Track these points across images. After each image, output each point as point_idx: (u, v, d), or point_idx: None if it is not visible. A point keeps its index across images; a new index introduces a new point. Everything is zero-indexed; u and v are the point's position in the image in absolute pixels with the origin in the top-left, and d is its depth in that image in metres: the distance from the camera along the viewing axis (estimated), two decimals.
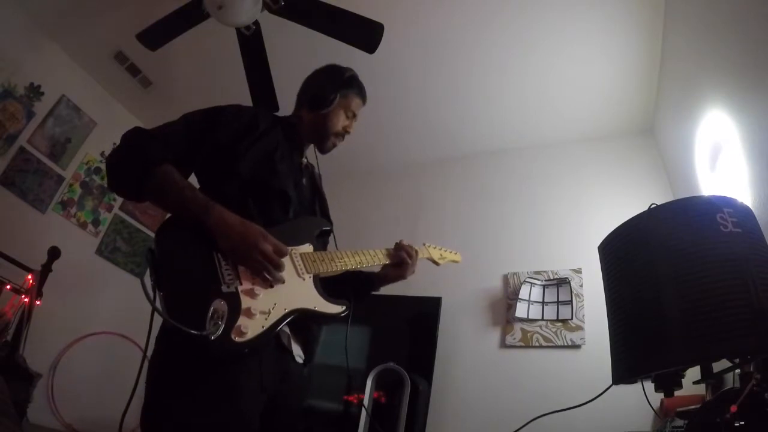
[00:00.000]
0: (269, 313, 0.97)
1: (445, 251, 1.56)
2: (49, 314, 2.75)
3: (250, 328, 0.92)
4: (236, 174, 1.13)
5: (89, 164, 3.44)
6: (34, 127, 3.10)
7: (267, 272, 1.00)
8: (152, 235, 3.87)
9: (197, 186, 1.12)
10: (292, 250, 1.11)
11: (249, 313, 0.94)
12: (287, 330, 1.10)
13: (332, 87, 1.34)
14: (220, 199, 1.03)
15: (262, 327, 0.95)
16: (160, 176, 1.03)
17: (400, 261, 1.34)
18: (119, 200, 3.63)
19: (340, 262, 1.21)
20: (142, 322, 0.92)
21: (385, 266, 1.36)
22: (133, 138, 1.08)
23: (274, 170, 1.18)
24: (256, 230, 1.01)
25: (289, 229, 1.15)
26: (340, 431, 2.61)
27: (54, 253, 2.61)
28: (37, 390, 2.43)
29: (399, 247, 1.36)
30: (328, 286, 1.15)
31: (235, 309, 0.92)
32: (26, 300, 2.45)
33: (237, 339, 0.89)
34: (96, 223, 3.45)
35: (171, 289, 0.90)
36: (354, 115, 1.39)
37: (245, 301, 0.95)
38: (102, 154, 3.52)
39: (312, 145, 1.41)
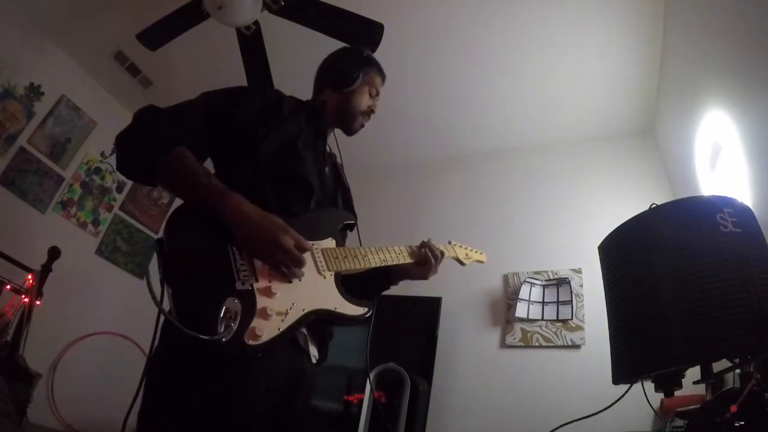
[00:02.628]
0: (286, 314, 0.90)
1: (471, 251, 1.51)
2: (49, 314, 2.75)
3: (265, 330, 0.85)
4: (255, 160, 1.05)
5: (89, 164, 3.44)
6: (34, 127, 3.09)
7: (286, 269, 0.93)
8: (152, 235, 3.88)
9: (212, 171, 1.04)
10: (313, 245, 1.03)
11: (264, 314, 0.87)
12: (304, 330, 1.04)
13: (355, 65, 1.30)
14: (237, 187, 0.95)
15: (278, 329, 0.88)
16: (174, 159, 0.95)
17: (424, 260, 1.28)
18: (119, 200, 3.63)
19: (363, 259, 1.13)
20: (142, 322, 0.91)
21: (407, 263, 1.28)
22: (147, 116, 1.01)
23: (298, 157, 1.11)
24: (277, 223, 0.93)
25: (311, 222, 1.07)
26: (340, 431, 2.61)
27: (54, 253, 2.60)
28: (37, 390, 2.42)
29: (424, 245, 1.30)
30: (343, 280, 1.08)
31: (249, 309, 0.86)
32: (26, 300, 2.45)
33: (251, 342, 0.83)
34: (96, 223, 3.45)
35: (180, 284, 0.84)
36: (377, 93, 1.35)
37: (261, 301, 0.88)
38: (102, 154, 3.53)
39: (333, 133, 1.35)
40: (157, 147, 0.95)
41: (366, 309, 1.06)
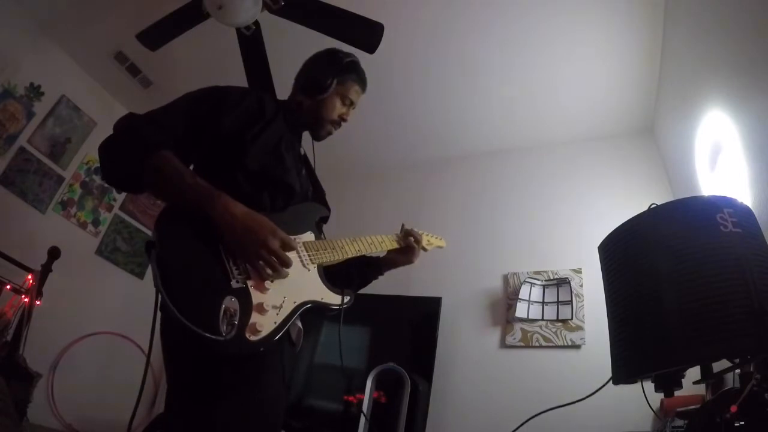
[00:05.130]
0: (281, 307, 0.95)
1: (432, 237, 1.57)
2: (49, 314, 2.74)
3: (264, 325, 0.89)
4: (243, 166, 1.07)
5: (89, 164, 3.44)
6: (34, 127, 3.09)
7: (274, 270, 0.95)
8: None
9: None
10: (295, 239, 1.07)
11: (261, 309, 0.91)
12: (299, 324, 1.08)
13: (330, 72, 1.28)
14: (224, 189, 0.97)
15: (275, 323, 0.92)
16: (158, 163, 0.95)
17: (408, 246, 1.37)
18: (119, 200, 3.63)
19: (341, 251, 1.19)
20: (142, 322, 0.91)
21: (391, 251, 1.36)
22: (127, 123, 1.01)
23: (283, 162, 1.14)
24: (265, 224, 0.95)
25: (290, 217, 1.11)
26: (340, 431, 2.61)
27: (54, 253, 2.61)
28: (37, 390, 2.42)
29: (407, 233, 1.39)
30: (329, 271, 1.15)
31: (246, 305, 0.89)
32: (26, 300, 2.45)
33: (252, 338, 0.87)
34: (96, 223, 3.45)
35: (178, 287, 0.84)
36: (352, 103, 1.33)
37: (256, 297, 0.92)
38: None
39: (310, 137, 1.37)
40: (140, 151, 0.95)
41: (348, 298, 1.11)
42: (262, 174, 1.09)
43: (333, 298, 1.09)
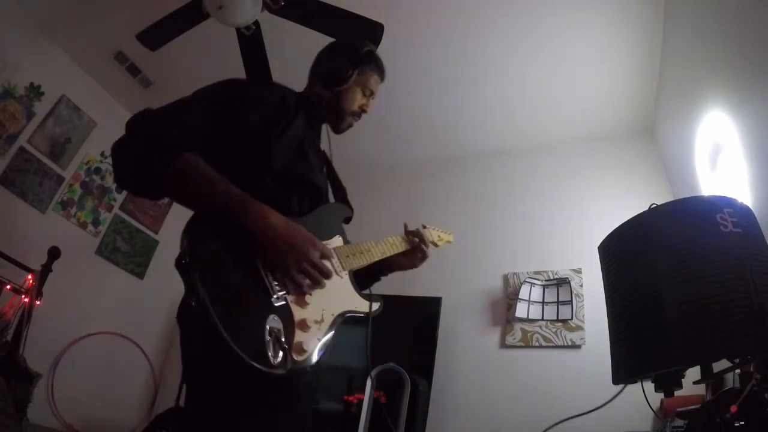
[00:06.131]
0: (322, 321, 0.91)
1: (442, 233, 1.55)
2: (49, 314, 2.75)
3: (309, 343, 0.85)
4: (269, 166, 1.00)
5: (89, 164, 3.44)
6: (34, 127, 3.09)
7: (316, 284, 0.90)
8: (152, 235, 3.87)
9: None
10: (326, 245, 1.03)
11: (304, 326, 0.86)
12: None
13: (349, 62, 1.22)
14: (250, 192, 0.89)
15: (318, 339, 0.88)
16: (183, 166, 0.85)
17: (416, 248, 1.31)
18: (119, 200, 3.63)
19: (368, 254, 1.14)
20: (142, 322, 0.91)
21: (397, 254, 1.28)
22: (144, 121, 0.90)
23: (307, 161, 1.09)
24: (305, 236, 0.90)
25: (317, 221, 1.05)
26: (340, 431, 2.61)
27: (54, 253, 2.61)
28: (37, 390, 2.42)
29: (416, 233, 1.33)
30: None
31: (288, 323, 0.84)
32: (26, 300, 2.45)
33: (298, 358, 0.82)
34: (96, 223, 3.45)
35: (222, 309, 0.76)
36: (372, 93, 1.28)
37: (297, 312, 0.87)
38: (102, 153, 3.52)
39: (326, 129, 1.31)
40: (162, 153, 0.85)
41: (379, 304, 1.09)
42: (289, 175, 1.03)
43: (364, 305, 1.05)
